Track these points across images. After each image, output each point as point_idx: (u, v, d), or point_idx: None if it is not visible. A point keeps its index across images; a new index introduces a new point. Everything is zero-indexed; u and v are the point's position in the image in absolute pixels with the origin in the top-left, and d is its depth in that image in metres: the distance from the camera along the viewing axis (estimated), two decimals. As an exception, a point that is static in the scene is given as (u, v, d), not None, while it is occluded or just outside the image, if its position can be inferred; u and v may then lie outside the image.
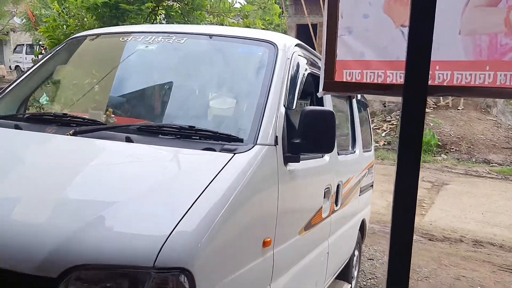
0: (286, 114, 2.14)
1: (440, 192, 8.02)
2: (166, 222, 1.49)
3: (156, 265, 1.38)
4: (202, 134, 1.99)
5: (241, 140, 1.95)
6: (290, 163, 2.10)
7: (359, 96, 4.00)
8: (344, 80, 1.49)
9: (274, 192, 2.00)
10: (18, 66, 24.70)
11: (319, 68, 2.90)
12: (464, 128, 13.16)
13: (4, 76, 22.37)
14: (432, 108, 15.06)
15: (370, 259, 5.00)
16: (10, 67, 25.61)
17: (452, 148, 12.09)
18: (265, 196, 1.95)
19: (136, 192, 1.64)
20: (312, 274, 2.75)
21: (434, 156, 11.78)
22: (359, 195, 3.87)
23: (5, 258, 1.43)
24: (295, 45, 2.51)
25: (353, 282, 4.04)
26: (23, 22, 21.08)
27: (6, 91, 2.62)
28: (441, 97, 15.14)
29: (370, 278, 4.54)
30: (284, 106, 2.14)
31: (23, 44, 25.12)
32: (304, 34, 15.69)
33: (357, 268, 4.26)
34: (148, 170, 1.85)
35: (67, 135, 2.03)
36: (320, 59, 2.34)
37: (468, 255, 5.34)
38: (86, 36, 2.96)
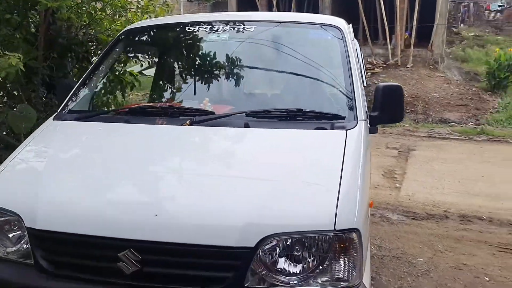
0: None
1: (409, 160, 7.47)
2: (330, 191, 1.83)
3: (336, 227, 1.73)
4: (309, 115, 2.29)
5: (343, 118, 2.26)
6: (370, 134, 2.43)
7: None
8: None
9: (369, 161, 2.30)
10: None
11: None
12: (416, 87, 12.76)
13: None
14: (381, 67, 14.58)
15: (396, 257, 4.15)
16: None
17: (408, 109, 11.64)
18: (368, 165, 2.26)
19: (291, 169, 1.96)
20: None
21: (391, 118, 11.31)
22: None
23: (207, 235, 1.71)
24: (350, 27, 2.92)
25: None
26: None
27: (77, 87, 2.72)
28: (390, 56, 14.73)
29: None
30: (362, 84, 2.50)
31: None
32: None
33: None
34: (284, 149, 2.11)
35: (185, 125, 2.20)
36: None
37: (460, 235, 4.75)
38: (142, 27, 3.12)
